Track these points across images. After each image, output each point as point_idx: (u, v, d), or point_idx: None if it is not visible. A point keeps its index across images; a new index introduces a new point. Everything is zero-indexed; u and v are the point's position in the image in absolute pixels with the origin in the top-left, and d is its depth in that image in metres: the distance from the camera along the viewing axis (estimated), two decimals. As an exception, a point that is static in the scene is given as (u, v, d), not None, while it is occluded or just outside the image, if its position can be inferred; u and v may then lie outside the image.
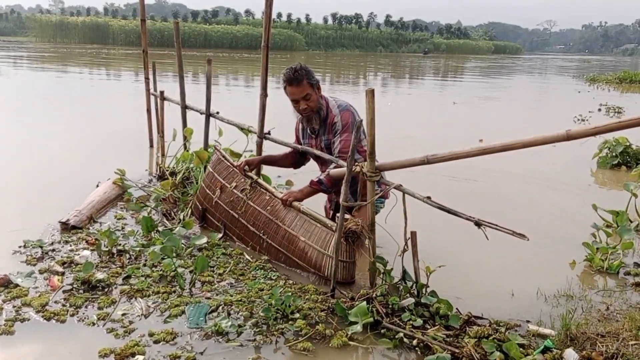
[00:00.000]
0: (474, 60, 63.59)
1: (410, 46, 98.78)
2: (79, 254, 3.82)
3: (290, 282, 3.60)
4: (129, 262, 3.77)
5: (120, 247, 3.96)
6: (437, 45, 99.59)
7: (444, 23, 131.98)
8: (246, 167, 4.24)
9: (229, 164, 4.39)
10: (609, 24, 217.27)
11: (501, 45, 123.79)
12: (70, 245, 4.07)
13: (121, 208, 5.06)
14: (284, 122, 4.66)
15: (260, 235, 4.03)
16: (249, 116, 5.47)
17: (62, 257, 3.82)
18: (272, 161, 4.47)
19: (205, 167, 5.08)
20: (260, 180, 4.25)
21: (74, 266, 3.67)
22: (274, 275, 3.71)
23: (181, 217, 4.70)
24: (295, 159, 4.42)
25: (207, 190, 4.51)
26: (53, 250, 3.97)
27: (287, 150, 4.42)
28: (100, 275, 3.45)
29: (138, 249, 3.96)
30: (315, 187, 3.83)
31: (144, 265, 3.74)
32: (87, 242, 4.08)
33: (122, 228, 4.50)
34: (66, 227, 4.39)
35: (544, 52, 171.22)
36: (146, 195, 5.28)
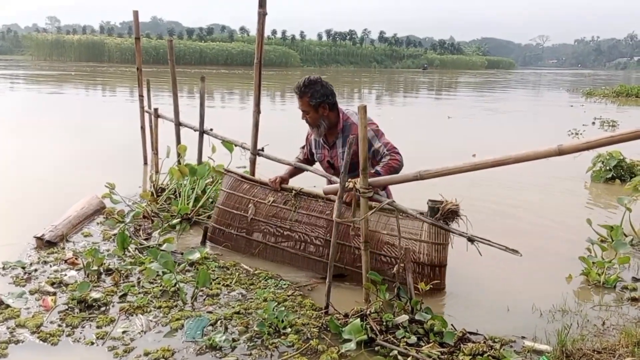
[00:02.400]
0: (468, 76, 63.96)
1: (405, 62, 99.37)
2: (66, 274, 3.79)
3: (296, 293, 3.65)
4: (121, 281, 3.75)
5: (106, 266, 3.93)
6: (430, 60, 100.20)
7: (437, 39, 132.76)
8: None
9: (257, 182, 4.40)
10: (601, 38, 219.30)
11: (494, 60, 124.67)
12: (51, 265, 4.03)
13: (97, 223, 5.04)
14: (277, 138, 4.68)
15: (323, 238, 3.98)
16: (243, 133, 5.47)
17: (49, 277, 3.79)
18: (296, 173, 4.45)
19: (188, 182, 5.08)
20: (306, 189, 4.22)
21: (64, 286, 3.64)
22: (284, 284, 3.79)
23: (155, 234, 4.71)
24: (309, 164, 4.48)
25: (235, 211, 4.43)
26: (35, 270, 3.93)
27: (300, 157, 4.46)
28: (96, 294, 3.43)
29: (128, 267, 3.94)
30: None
31: (138, 282, 3.73)
32: (65, 261, 4.05)
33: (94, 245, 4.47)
34: (41, 242, 4.38)
35: (537, 67, 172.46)
36: (131, 210, 5.28)
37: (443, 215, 3.42)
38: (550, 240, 5.04)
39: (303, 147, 4.50)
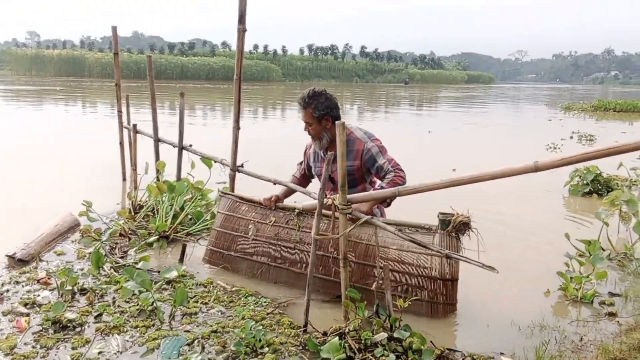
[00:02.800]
0: (448, 90, 64.59)
1: (386, 76, 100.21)
2: (39, 295, 3.71)
3: (275, 312, 3.60)
4: (96, 300, 3.69)
5: (80, 285, 3.86)
6: (411, 75, 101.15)
7: (418, 54, 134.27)
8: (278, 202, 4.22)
9: (256, 203, 4.33)
10: (578, 53, 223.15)
11: (474, 75, 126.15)
12: (23, 286, 3.95)
13: (72, 242, 4.97)
14: (258, 154, 4.66)
15: (332, 256, 3.88)
16: (224, 148, 5.45)
17: (22, 298, 3.71)
18: (292, 192, 4.42)
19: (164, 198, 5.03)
20: (307, 204, 4.15)
21: (38, 307, 3.56)
22: (264, 302, 3.76)
23: (132, 252, 4.66)
24: (303, 182, 4.50)
25: (234, 233, 4.35)
26: (7, 290, 3.85)
27: (297, 175, 4.48)
28: (70, 314, 3.36)
29: (103, 286, 3.88)
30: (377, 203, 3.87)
31: (113, 302, 3.67)
32: (38, 281, 3.97)
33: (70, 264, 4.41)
34: (13, 261, 4.30)
35: (516, 82, 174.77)
36: (108, 228, 5.20)
37: (455, 227, 3.43)
38: (529, 255, 5.07)
39: (300, 164, 4.48)
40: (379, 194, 3.56)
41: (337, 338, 3.07)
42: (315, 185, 4.19)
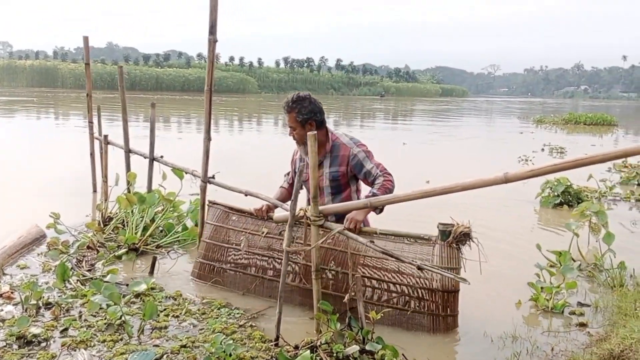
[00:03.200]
0: (423, 103, 65.20)
1: (361, 89, 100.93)
2: (2, 310, 3.59)
3: (246, 325, 3.56)
4: (62, 315, 3.59)
5: (45, 300, 3.75)
6: (386, 88, 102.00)
7: (392, 67, 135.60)
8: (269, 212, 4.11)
9: (246, 213, 4.18)
10: (549, 67, 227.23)
11: (448, 89, 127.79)
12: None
13: (38, 254, 4.85)
14: (231, 165, 4.63)
15: (329, 268, 3.77)
16: (197, 160, 5.39)
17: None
18: (282, 200, 4.28)
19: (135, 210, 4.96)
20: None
21: (2, 322, 3.45)
22: (237, 314, 3.73)
23: (99, 265, 4.57)
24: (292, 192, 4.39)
25: (225, 245, 4.20)
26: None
27: (285, 186, 4.35)
28: (35, 329, 3.27)
29: (69, 300, 3.78)
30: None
31: (80, 316, 3.58)
32: (1, 295, 3.85)
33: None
34: None
35: (489, 95, 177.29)
36: (76, 241, 5.10)
37: (455, 238, 3.41)
38: (501, 265, 5.08)
39: (287, 174, 4.40)
40: (352, 205, 3.54)
41: (308, 351, 3.02)
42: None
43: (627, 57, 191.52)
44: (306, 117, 3.89)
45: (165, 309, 3.73)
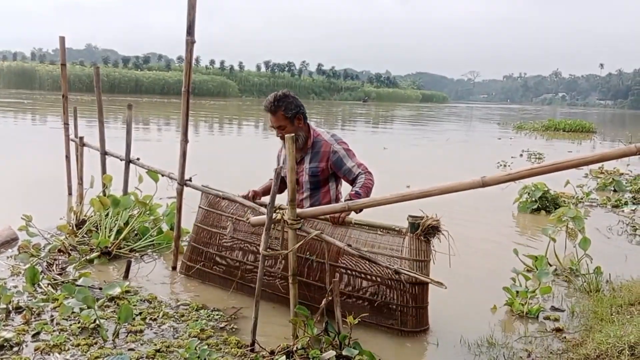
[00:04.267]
0: (404, 109, 65.54)
1: (342, 94, 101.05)
2: (-28, 314, 3.51)
3: (230, 327, 3.56)
4: (33, 319, 3.51)
5: (15, 304, 3.67)
6: (367, 93, 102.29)
7: (374, 72, 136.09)
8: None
9: (233, 199, 4.19)
10: (528, 74, 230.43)
11: (428, 94, 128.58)
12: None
13: (8, 257, 4.75)
14: (209, 168, 4.58)
15: (306, 257, 3.74)
16: (175, 162, 5.33)
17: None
18: (269, 191, 4.30)
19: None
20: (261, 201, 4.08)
21: (-29, 328, 3.36)
22: (216, 315, 3.73)
23: (70, 269, 4.48)
24: (282, 187, 4.31)
25: (213, 229, 4.26)
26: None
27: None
28: (7, 334, 3.19)
29: (40, 304, 3.69)
30: (354, 198, 3.77)
31: (52, 320, 3.50)
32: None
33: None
34: None
35: (469, 101, 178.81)
36: (48, 244, 5.00)
37: (424, 230, 3.41)
38: (478, 270, 5.10)
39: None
40: (331, 208, 3.51)
41: (284, 357, 2.99)
42: None
43: (604, 65, 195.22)
44: (294, 111, 3.96)
45: (141, 313, 3.68)
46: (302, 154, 4.06)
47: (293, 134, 3.22)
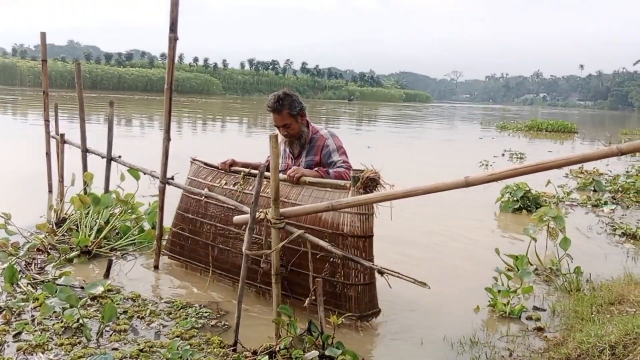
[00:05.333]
0: (389, 108, 65.70)
1: (326, 93, 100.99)
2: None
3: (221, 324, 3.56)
4: (13, 319, 3.46)
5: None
6: (351, 92, 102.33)
7: (357, 71, 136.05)
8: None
9: (213, 167, 4.45)
10: (509, 75, 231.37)
11: (412, 94, 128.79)
12: None
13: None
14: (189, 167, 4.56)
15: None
16: (157, 161, 5.29)
17: None
18: (249, 166, 4.37)
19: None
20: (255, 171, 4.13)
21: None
22: (205, 312, 3.76)
23: (49, 268, 4.43)
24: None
25: (192, 196, 4.46)
26: None
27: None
28: (-13, 334, 3.15)
29: (20, 304, 3.64)
30: (322, 173, 3.90)
31: (33, 320, 3.45)
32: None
33: None
34: None
35: (452, 101, 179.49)
36: (27, 242, 4.92)
37: (363, 183, 3.42)
38: (460, 270, 5.12)
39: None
40: (312, 208, 3.50)
41: (267, 357, 2.97)
42: None
43: (584, 67, 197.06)
44: (298, 109, 4.08)
45: (126, 311, 3.67)
46: (301, 149, 4.18)
47: (277, 133, 3.22)
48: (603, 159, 2.55)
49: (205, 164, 4.56)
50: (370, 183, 3.43)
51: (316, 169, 3.98)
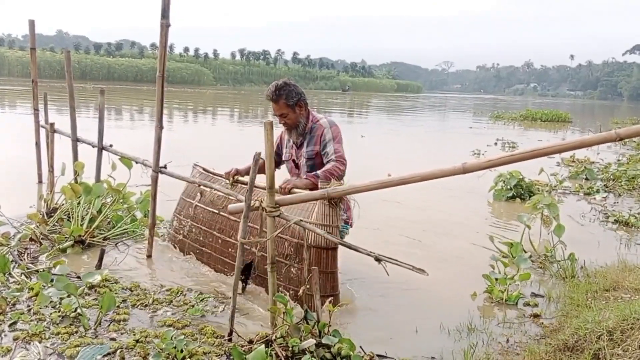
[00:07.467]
0: (381, 98, 65.60)
1: (318, 83, 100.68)
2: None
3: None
4: (8, 309, 3.42)
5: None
6: (343, 82, 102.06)
7: (349, 62, 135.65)
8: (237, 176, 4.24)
9: (214, 175, 4.43)
10: (500, 65, 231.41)
11: (403, 84, 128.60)
12: None
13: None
14: (185, 156, 4.51)
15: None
16: (149, 150, 5.24)
17: None
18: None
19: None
20: (242, 178, 4.18)
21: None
22: (207, 297, 3.82)
23: (42, 258, 4.38)
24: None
25: (187, 199, 4.58)
26: None
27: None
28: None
29: (15, 294, 3.60)
30: (312, 179, 3.84)
31: (29, 309, 3.42)
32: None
33: None
34: None
35: (443, 91, 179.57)
36: (18, 232, 4.87)
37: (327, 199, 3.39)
38: (455, 258, 5.11)
39: None
40: (308, 196, 3.46)
41: (263, 346, 2.93)
42: (283, 172, 4.39)
43: (574, 57, 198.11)
44: (296, 99, 4.06)
45: (125, 300, 3.67)
46: (302, 139, 4.17)
47: (271, 121, 3.17)
48: (603, 143, 2.53)
49: (206, 170, 4.54)
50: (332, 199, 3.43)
51: (305, 176, 3.95)
